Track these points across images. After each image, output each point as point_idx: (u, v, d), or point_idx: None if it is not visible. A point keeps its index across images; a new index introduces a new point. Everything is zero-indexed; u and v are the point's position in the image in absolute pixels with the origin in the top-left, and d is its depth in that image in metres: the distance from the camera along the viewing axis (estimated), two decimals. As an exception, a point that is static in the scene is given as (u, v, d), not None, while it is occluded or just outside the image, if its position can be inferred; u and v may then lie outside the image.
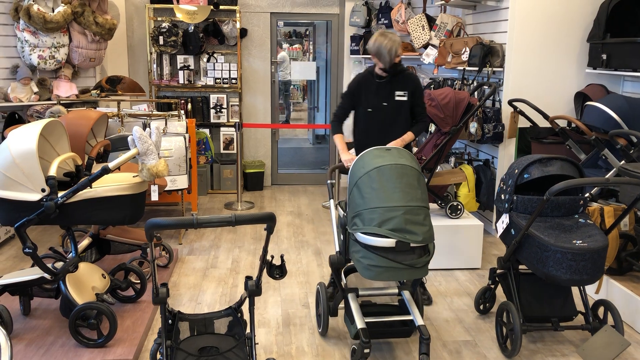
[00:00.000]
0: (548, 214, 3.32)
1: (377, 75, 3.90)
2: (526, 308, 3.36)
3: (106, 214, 3.21)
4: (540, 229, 3.19)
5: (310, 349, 3.41)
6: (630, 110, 4.09)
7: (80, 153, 3.81)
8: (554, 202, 3.29)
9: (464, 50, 5.54)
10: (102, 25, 5.81)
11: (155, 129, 3.24)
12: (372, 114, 3.91)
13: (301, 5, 7.19)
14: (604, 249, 3.05)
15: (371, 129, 3.94)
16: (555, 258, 3.04)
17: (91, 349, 3.17)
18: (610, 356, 2.64)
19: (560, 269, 3.03)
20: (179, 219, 2.17)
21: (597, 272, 3.06)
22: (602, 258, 3.07)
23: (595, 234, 3.13)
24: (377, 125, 3.92)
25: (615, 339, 2.77)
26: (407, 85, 3.89)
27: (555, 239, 3.08)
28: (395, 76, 3.88)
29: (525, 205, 3.31)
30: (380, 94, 3.87)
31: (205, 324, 2.91)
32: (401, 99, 3.87)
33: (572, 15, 5.07)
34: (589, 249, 3.00)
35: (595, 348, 2.64)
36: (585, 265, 3.00)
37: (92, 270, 3.55)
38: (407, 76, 3.92)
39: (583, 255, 3.00)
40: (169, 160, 4.83)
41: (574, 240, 3.05)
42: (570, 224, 3.25)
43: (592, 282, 3.08)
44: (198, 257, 4.86)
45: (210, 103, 7.01)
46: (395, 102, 3.87)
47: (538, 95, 5.11)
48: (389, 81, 3.87)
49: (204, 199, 6.79)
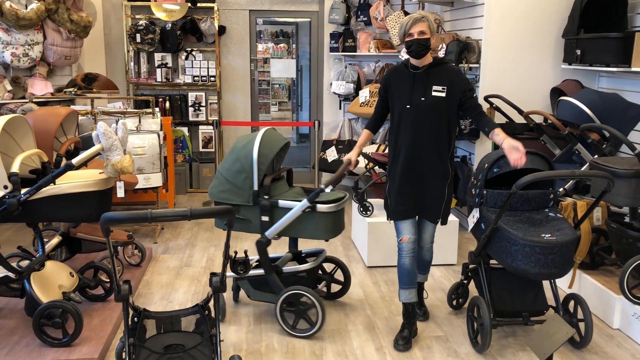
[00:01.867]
0: (518, 208, 3.31)
1: (412, 66, 3.32)
2: (497, 303, 3.34)
3: (71, 211, 3.17)
4: (509, 222, 3.18)
5: (280, 347, 3.38)
6: (603, 105, 4.09)
7: (48, 150, 3.75)
8: (524, 196, 3.29)
9: (441, 47, 5.53)
10: (77, 23, 5.74)
11: (121, 125, 3.20)
12: (406, 110, 3.29)
13: (280, 3, 7.16)
14: (572, 242, 3.05)
15: (402, 129, 3.33)
16: (524, 252, 3.03)
17: (56, 348, 3.12)
18: (556, 345, 2.65)
19: (529, 263, 3.03)
20: (134, 213, 2.14)
21: (566, 265, 3.06)
22: (571, 252, 3.07)
23: (564, 227, 3.12)
24: (409, 125, 3.30)
25: (561, 327, 2.79)
26: (445, 78, 3.26)
27: (524, 232, 3.07)
28: (433, 67, 3.28)
29: (495, 200, 3.31)
30: (416, 87, 3.28)
31: (171, 321, 2.87)
32: (439, 94, 3.26)
33: (547, 12, 5.08)
34: (558, 242, 2.99)
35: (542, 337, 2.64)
36: (554, 258, 3.00)
37: (59, 269, 3.49)
38: (447, 69, 3.30)
39: (552, 249, 2.99)
40: (142, 157, 4.78)
41: (542, 234, 3.05)
42: (540, 217, 3.24)
43: (561, 275, 3.07)
44: (173, 256, 4.81)
45: (189, 101, 6.96)
46: (432, 99, 3.25)
47: (514, 91, 5.11)
48: (426, 73, 3.27)
49: (183, 197, 6.74)
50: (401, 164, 3.33)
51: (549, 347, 2.54)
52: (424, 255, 3.62)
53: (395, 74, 3.39)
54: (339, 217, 3.57)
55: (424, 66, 3.28)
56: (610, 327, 3.66)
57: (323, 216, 3.47)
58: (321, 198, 3.49)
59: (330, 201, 3.50)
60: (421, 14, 3.23)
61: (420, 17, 3.22)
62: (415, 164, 3.31)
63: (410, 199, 3.35)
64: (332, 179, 3.47)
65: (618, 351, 3.38)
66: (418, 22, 3.19)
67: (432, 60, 3.30)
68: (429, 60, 3.28)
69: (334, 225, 3.54)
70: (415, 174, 3.32)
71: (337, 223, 3.58)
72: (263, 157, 3.49)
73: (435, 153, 3.29)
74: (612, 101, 4.13)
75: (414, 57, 3.25)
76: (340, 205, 3.54)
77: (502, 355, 3.29)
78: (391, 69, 3.44)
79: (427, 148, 3.29)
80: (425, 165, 3.30)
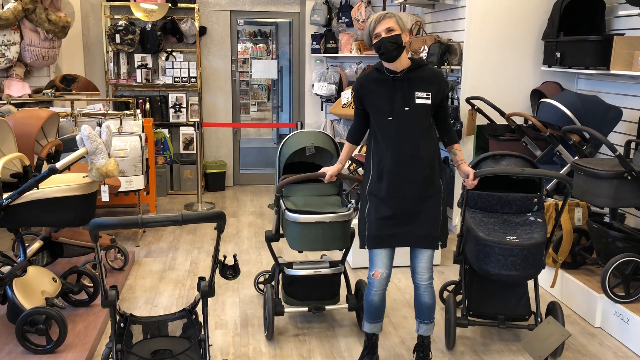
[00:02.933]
0: (498, 210, 3.30)
1: (388, 70, 2.90)
2: (475, 303, 3.38)
3: (55, 216, 3.12)
4: (481, 223, 3.20)
5: (268, 350, 3.37)
6: (583, 107, 4.16)
7: (29, 153, 3.68)
8: (504, 199, 3.27)
9: (423, 49, 5.57)
10: (55, 23, 5.65)
11: (105, 128, 3.16)
12: (388, 123, 2.90)
13: (262, 4, 7.13)
14: (536, 246, 3.00)
15: (384, 144, 2.92)
16: (485, 251, 3.05)
17: (40, 355, 3.06)
18: (551, 347, 2.69)
19: (490, 263, 3.04)
20: (124, 219, 2.11)
21: (528, 269, 3.01)
22: (534, 255, 3.00)
23: (536, 231, 3.10)
24: (392, 140, 2.90)
25: (556, 330, 2.83)
26: (429, 83, 2.89)
27: (488, 233, 3.08)
28: (413, 71, 2.89)
29: (475, 201, 3.34)
30: (397, 95, 2.88)
31: (158, 326, 2.84)
32: (423, 102, 2.88)
33: (528, 14, 5.14)
34: (519, 244, 2.97)
35: (537, 340, 2.67)
36: (514, 260, 2.98)
37: (42, 274, 3.43)
38: (429, 72, 2.92)
39: (511, 251, 2.97)
40: (124, 160, 4.73)
41: (508, 236, 3.03)
42: (518, 221, 3.22)
43: (523, 279, 3.07)
44: (155, 259, 4.76)
45: (169, 102, 6.90)
46: (417, 107, 2.87)
47: (495, 93, 5.17)
48: (407, 78, 2.87)
49: (164, 200, 6.68)
50: (386, 186, 2.91)
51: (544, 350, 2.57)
52: (422, 298, 3.05)
53: (368, 81, 2.95)
54: (317, 230, 3.35)
55: (403, 70, 2.87)
56: (592, 325, 3.72)
57: (290, 225, 3.39)
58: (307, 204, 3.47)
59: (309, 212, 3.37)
60: (386, 12, 2.85)
61: (385, 13, 2.82)
62: (403, 184, 2.90)
63: (398, 224, 2.93)
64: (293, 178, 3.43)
65: (600, 349, 3.44)
66: (383, 19, 2.79)
67: (410, 62, 2.89)
68: (407, 63, 2.88)
69: (308, 237, 3.35)
70: (404, 196, 2.90)
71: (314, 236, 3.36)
72: (282, 156, 3.61)
73: (426, 168, 2.90)
74: (592, 103, 4.20)
75: (387, 59, 2.83)
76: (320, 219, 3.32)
77: (489, 355, 3.32)
78: (362, 76, 2.99)
79: (416, 164, 2.88)
80: (415, 184, 2.89)
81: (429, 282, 3.03)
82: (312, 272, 3.52)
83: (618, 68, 4.17)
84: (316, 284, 3.56)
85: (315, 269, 3.53)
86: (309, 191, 3.66)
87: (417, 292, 3.07)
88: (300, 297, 3.56)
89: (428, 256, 3.00)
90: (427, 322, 3.11)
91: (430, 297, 3.05)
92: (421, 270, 3.02)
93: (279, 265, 3.60)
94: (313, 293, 3.57)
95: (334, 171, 3.24)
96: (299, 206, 3.47)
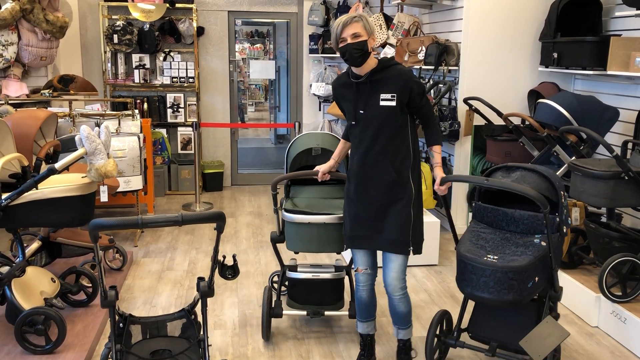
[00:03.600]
0: (503, 227, 2.96)
1: (353, 75, 2.87)
2: (476, 324, 3.08)
3: (54, 216, 3.12)
4: (476, 236, 2.92)
5: (267, 350, 3.38)
6: (580, 108, 4.18)
7: (27, 154, 3.69)
8: (509, 215, 2.93)
9: (421, 49, 5.59)
10: (53, 23, 5.65)
11: (104, 128, 3.16)
12: (353, 127, 2.91)
13: (259, 4, 7.14)
14: (513, 269, 2.63)
15: (354, 146, 2.94)
16: (460, 267, 2.79)
17: (39, 355, 3.07)
18: (551, 346, 2.68)
19: (464, 281, 2.77)
20: (124, 219, 2.12)
21: (504, 293, 2.65)
22: (512, 280, 2.64)
23: (526, 254, 2.72)
24: (358, 143, 2.89)
25: (555, 330, 2.79)
26: (394, 83, 2.79)
27: (469, 248, 2.81)
28: (378, 73, 2.82)
29: (482, 214, 3.05)
30: (360, 100, 2.85)
31: (157, 326, 2.84)
32: (388, 103, 2.79)
33: (525, 15, 5.16)
34: (493, 265, 2.66)
35: (537, 339, 2.68)
36: (487, 282, 2.67)
37: (40, 275, 3.44)
38: (394, 72, 2.82)
39: (483, 270, 2.67)
40: (122, 160, 4.73)
41: (489, 255, 2.73)
42: (519, 241, 2.84)
43: (498, 304, 2.72)
44: (154, 260, 4.77)
45: (167, 102, 6.90)
46: (381, 110, 2.80)
47: (493, 93, 5.19)
48: (370, 81, 2.82)
49: (162, 200, 6.68)
50: (354, 187, 2.93)
51: (544, 349, 2.58)
52: (397, 308, 2.98)
53: (339, 85, 2.96)
54: (311, 231, 3.32)
55: (367, 74, 2.81)
56: (590, 325, 3.74)
57: (287, 225, 3.37)
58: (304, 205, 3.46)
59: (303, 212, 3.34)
60: (353, 14, 2.77)
61: (352, 17, 2.75)
62: (369, 186, 2.88)
63: (368, 227, 2.91)
64: (284, 176, 3.43)
65: (597, 349, 3.46)
66: (350, 24, 2.72)
67: (376, 64, 2.82)
68: (372, 66, 2.81)
69: (303, 238, 3.34)
70: (371, 198, 2.88)
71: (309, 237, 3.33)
72: (288, 157, 3.60)
73: (392, 172, 2.83)
74: (589, 104, 4.22)
75: (352, 64, 2.79)
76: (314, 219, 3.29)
77: None
78: (335, 80, 3.02)
79: (382, 167, 2.83)
80: (381, 186, 2.85)
81: (402, 293, 2.95)
82: (310, 276, 3.48)
83: (615, 69, 4.19)
84: (316, 288, 3.51)
85: (316, 272, 3.49)
86: (316, 193, 3.64)
87: (391, 302, 2.99)
88: (300, 301, 3.53)
89: (399, 264, 2.90)
90: (404, 327, 3.07)
91: (405, 305, 2.98)
92: (392, 280, 2.91)
93: (283, 267, 3.59)
94: (313, 297, 3.52)
95: (326, 168, 3.22)
96: (301, 207, 3.44)
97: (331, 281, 3.51)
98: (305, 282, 3.50)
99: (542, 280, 2.77)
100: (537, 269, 2.71)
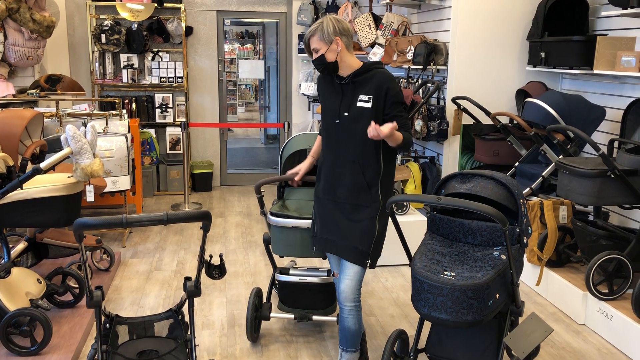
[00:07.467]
0: (460, 239, 2.79)
1: (337, 76, 2.83)
2: (434, 344, 2.86)
3: (39, 216, 3.10)
4: (431, 251, 2.72)
5: (255, 350, 3.37)
6: (567, 107, 4.20)
7: (13, 154, 3.65)
8: (466, 227, 2.76)
9: (409, 49, 5.60)
10: (39, 23, 5.60)
11: (90, 128, 3.14)
12: (334, 126, 2.83)
13: (248, 4, 7.13)
14: (472, 287, 2.42)
15: (327, 146, 2.88)
16: (416, 286, 2.56)
17: (24, 357, 3.04)
18: (534, 343, 2.68)
19: (420, 300, 2.54)
20: (108, 218, 2.10)
21: (462, 314, 2.45)
22: (471, 299, 2.44)
23: (485, 269, 2.53)
24: (334, 143, 2.84)
25: (539, 326, 2.76)
26: (372, 86, 2.74)
27: (425, 265, 2.59)
28: (360, 75, 2.78)
29: (437, 226, 2.86)
30: (344, 100, 2.80)
31: (144, 327, 2.83)
32: (364, 105, 2.74)
33: (513, 14, 5.18)
34: (450, 283, 2.44)
35: (521, 335, 2.67)
36: (444, 301, 2.46)
37: (26, 276, 3.41)
38: (376, 75, 2.76)
39: (440, 290, 2.46)
40: (110, 160, 4.70)
41: (446, 272, 2.53)
42: (478, 255, 2.66)
43: (456, 325, 2.49)
44: (142, 260, 4.74)
45: (156, 102, 6.87)
46: (357, 110, 2.75)
47: (481, 93, 5.20)
48: (352, 82, 2.78)
49: (150, 200, 6.65)
50: (322, 187, 2.88)
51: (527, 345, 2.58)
52: (346, 322, 2.83)
53: (324, 83, 2.90)
54: (295, 235, 3.24)
55: (349, 75, 2.77)
56: (577, 322, 3.75)
57: (272, 228, 3.31)
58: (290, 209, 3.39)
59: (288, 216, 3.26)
60: (311, 28, 2.74)
61: (311, 30, 2.73)
62: (337, 187, 2.82)
63: (330, 230, 2.84)
64: (265, 180, 3.34)
65: (584, 346, 3.47)
66: (310, 38, 2.74)
67: (360, 66, 2.78)
68: (355, 68, 2.77)
69: (286, 241, 3.26)
70: (336, 199, 2.82)
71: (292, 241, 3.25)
72: (282, 158, 3.55)
73: (361, 176, 2.76)
74: (576, 103, 4.25)
75: (326, 75, 2.85)
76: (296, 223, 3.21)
77: None
78: (320, 76, 2.94)
79: (351, 169, 2.77)
80: (348, 191, 2.78)
81: (354, 305, 2.80)
82: (297, 280, 3.43)
83: (601, 68, 4.22)
84: (305, 291, 3.45)
85: (303, 276, 3.43)
86: (309, 195, 3.52)
87: (340, 315, 2.85)
88: (289, 304, 3.49)
89: (355, 273, 2.77)
90: (350, 350, 2.89)
91: (354, 322, 2.82)
92: (345, 288, 2.77)
93: (274, 269, 3.56)
94: (302, 301, 3.47)
95: (305, 168, 3.11)
96: (290, 209, 3.36)
97: (319, 285, 3.43)
98: (292, 285, 3.46)
99: (503, 296, 2.59)
100: (497, 285, 2.52)
